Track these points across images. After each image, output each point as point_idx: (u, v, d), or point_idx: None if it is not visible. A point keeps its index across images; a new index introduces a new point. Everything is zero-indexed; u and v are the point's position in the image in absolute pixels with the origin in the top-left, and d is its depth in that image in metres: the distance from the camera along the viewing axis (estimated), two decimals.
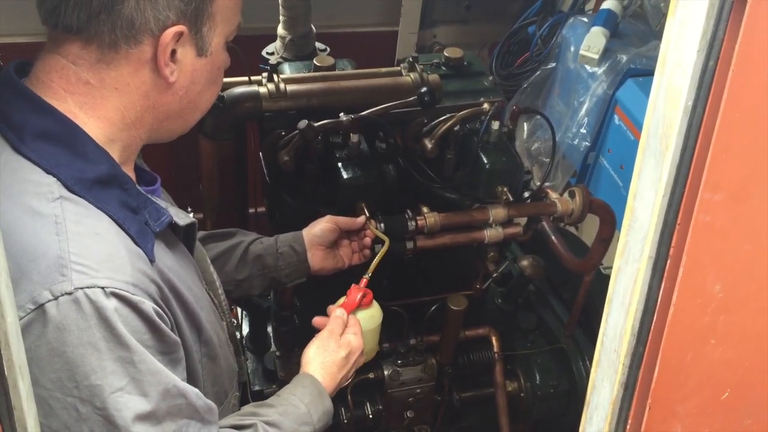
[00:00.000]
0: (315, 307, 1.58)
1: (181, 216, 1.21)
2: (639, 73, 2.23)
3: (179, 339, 1.12)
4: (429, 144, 1.80)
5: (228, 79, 1.78)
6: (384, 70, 1.94)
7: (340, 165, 1.76)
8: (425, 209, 1.78)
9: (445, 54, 2.03)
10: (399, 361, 1.96)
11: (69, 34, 1.07)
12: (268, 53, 2.31)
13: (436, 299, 1.96)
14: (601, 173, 2.35)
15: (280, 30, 2.28)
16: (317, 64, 1.95)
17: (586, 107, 2.31)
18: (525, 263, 2.08)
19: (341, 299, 1.57)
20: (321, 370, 1.42)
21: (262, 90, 1.79)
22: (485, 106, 1.80)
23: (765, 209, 0.85)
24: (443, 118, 1.81)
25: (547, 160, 2.39)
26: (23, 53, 1.16)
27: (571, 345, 2.11)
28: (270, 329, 2.12)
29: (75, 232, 1.02)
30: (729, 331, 0.93)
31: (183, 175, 2.30)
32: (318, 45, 2.37)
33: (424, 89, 1.76)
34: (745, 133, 0.80)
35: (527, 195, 1.89)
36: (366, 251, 1.73)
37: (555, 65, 2.49)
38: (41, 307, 0.98)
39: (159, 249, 1.13)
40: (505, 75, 2.63)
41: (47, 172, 1.05)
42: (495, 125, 1.81)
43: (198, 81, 1.17)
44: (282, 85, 1.80)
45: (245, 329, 2.13)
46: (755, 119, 0.79)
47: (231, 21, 1.18)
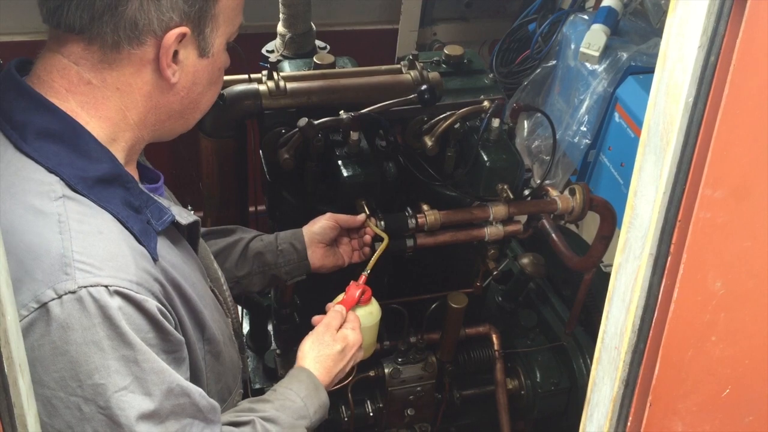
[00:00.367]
0: (315, 305, 1.58)
1: (184, 215, 1.21)
2: (639, 71, 2.23)
3: (183, 337, 1.12)
4: (429, 142, 1.80)
5: (228, 77, 1.77)
6: (384, 67, 1.94)
7: (340, 163, 1.76)
8: (425, 207, 1.78)
9: (446, 51, 2.02)
10: (399, 359, 1.96)
11: (71, 34, 1.07)
12: (268, 51, 2.31)
13: (436, 297, 1.96)
14: (602, 171, 2.35)
15: (280, 28, 2.27)
16: (317, 61, 1.94)
17: (586, 105, 2.31)
18: (525, 261, 2.08)
19: (339, 296, 1.57)
20: (316, 363, 1.42)
21: (262, 88, 1.79)
22: (485, 103, 1.80)
23: (766, 206, 0.85)
24: (443, 115, 1.81)
25: (548, 157, 2.39)
26: (22, 52, 1.16)
27: (572, 342, 2.11)
28: (270, 327, 2.13)
29: (78, 230, 1.02)
30: (730, 328, 0.93)
31: (183, 173, 2.30)
32: (318, 43, 2.37)
33: (424, 87, 1.76)
34: (746, 130, 0.80)
35: (527, 193, 1.89)
36: (366, 249, 1.73)
37: (555, 63, 2.49)
38: (45, 306, 0.97)
39: (163, 246, 1.13)
40: (506, 72, 2.63)
41: (50, 170, 1.05)
42: (495, 123, 1.81)
43: (199, 81, 1.17)
44: (282, 83, 1.80)
45: (246, 327, 2.13)
46: (756, 116, 0.79)
47: (233, 22, 1.17)
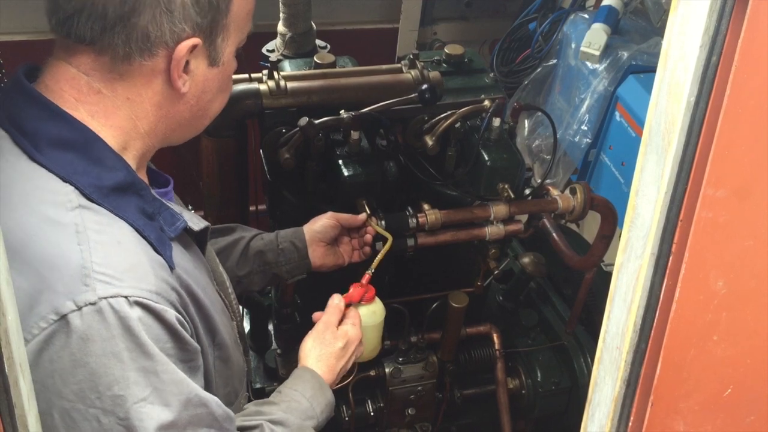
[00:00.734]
0: (316, 305, 1.57)
1: (195, 220, 1.21)
2: (640, 70, 2.22)
3: (198, 345, 1.12)
4: (430, 141, 1.79)
5: None
6: (385, 67, 1.94)
7: (340, 162, 1.76)
8: (426, 206, 1.78)
9: (446, 51, 2.02)
10: (400, 359, 1.96)
11: (81, 44, 1.06)
12: (268, 50, 2.31)
13: (437, 296, 1.96)
14: (602, 170, 2.35)
15: (280, 27, 2.27)
16: (318, 61, 1.94)
17: (587, 104, 2.31)
18: (526, 260, 2.08)
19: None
20: (319, 362, 1.42)
21: (262, 87, 1.79)
22: (486, 103, 1.80)
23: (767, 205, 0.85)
24: (444, 115, 1.80)
25: (548, 157, 2.38)
26: (22, 51, 1.16)
27: (573, 342, 2.11)
28: (271, 327, 2.12)
29: (97, 241, 1.01)
30: (731, 328, 0.93)
31: (184, 172, 2.30)
32: (318, 42, 2.37)
33: (424, 86, 1.75)
34: (748, 129, 0.79)
35: (528, 192, 1.89)
36: (366, 249, 1.73)
37: (556, 62, 2.49)
38: (64, 318, 0.97)
39: (176, 252, 1.13)
40: (506, 72, 2.63)
41: (64, 180, 1.04)
42: (496, 122, 1.81)
43: (209, 90, 1.16)
44: (282, 83, 1.80)
45: (246, 327, 2.12)
46: (758, 115, 0.79)
47: (243, 30, 1.17)
